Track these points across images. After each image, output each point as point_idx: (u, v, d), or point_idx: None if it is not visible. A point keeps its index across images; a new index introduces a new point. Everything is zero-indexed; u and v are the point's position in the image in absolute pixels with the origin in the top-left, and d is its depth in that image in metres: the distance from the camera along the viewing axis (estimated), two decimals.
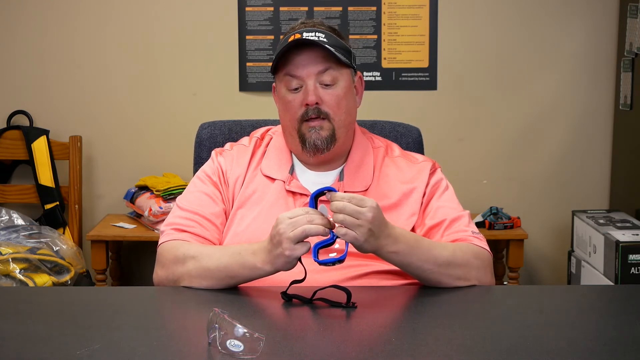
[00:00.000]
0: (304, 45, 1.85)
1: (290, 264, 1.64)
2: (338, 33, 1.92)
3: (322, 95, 1.85)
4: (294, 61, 1.86)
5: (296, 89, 1.86)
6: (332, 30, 1.90)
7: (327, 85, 1.86)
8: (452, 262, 1.75)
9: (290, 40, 1.85)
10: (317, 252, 1.61)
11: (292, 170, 1.91)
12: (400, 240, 1.69)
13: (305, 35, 1.84)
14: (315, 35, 1.84)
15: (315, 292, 1.62)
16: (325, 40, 1.84)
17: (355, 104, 1.94)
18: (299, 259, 1.63)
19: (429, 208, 1.90)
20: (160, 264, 1.82)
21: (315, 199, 1.65)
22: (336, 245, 1.64)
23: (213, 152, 1.99)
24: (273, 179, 1.91)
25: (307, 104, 1.85)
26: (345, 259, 1.61)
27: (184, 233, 1.83)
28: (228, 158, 1.95)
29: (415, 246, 1.72)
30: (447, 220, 1.86)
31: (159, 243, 1.85)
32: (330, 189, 1.63)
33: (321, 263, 1.61)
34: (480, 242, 1.84)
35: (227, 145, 2.01)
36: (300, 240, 1.60)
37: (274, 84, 1.95)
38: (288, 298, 1.64)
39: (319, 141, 1.85)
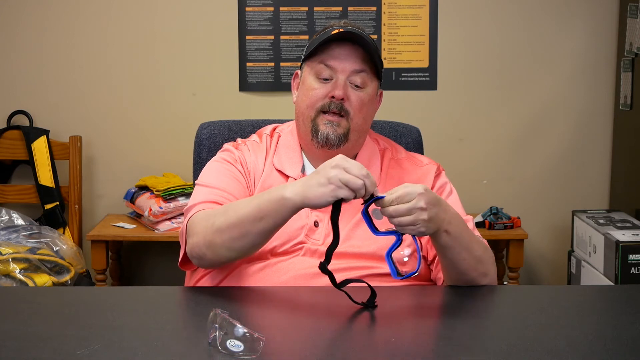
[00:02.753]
0: (347, 40, 1.85)
1: (324, 199, 1.58)
2: (376, 45, 1.92)
3: (350, 94, 1.85)
4: (334, 52, 1.86)
5: (326, 79, 1.86)
6: (373, 41, 1.90)
7: (356, 86, 1.86)
8: (482, 259, 1.76)
9: (335, 32, 1.85)
10: (392, 261, 1.61)
11: (303, 169, 1.91)
12: (453, 221, 1.68)
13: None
14: (363, 37, 1.85)
15: (345, 282, 1.60)
16: (370, 44, 1.85)
17: (373, 115, 1.95)
18: (333, 222, 1.60)
19: None
20: (192, 232, 1.75)
21: (366, 211, 1.62)
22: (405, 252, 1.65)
23: (228, 145, 1.97)
24: (286, 176, 1.90)
25: (332, 97, 1.84)
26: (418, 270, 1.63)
27: (215, 205, 1.78)
28: (245, 151, 1.94)
29: (463, 229, 1.72)
30: None
31: (187, 218, 1.78)
32: (378, 198, 1.60)
33: (403, 278, 1.61)
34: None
35: (239, 140, 1.99)
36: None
37: (297, 71, 1.95)
38: (325, 271, 1.60)
39: (332, 136, 1.84)
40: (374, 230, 1.61)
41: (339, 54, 1.86)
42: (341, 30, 1.85)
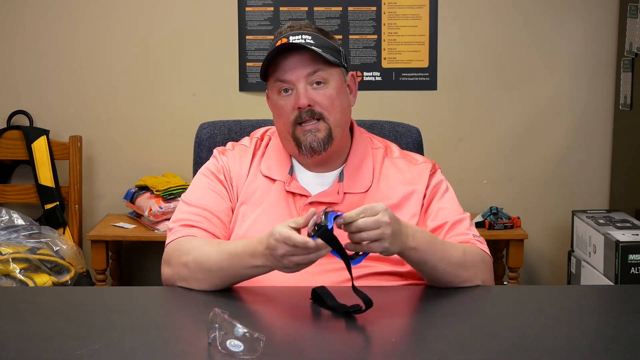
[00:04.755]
0: (291, 49, 1.84)
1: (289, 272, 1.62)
2: (325, 33, 1.91)
3: (314, 96, 1.84)
4: (283, 66, 1.85)
5: (287, 92, 1.86)
6: (320, 30, 1.90)
7: (318, 86, 1.85)
8: (463, 264, 1.75)
9: (277, 45, 1.85)
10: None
11: (291, 171, 1.91)
12: (417, 235, 1.68)
13: (291, 39, 1.84)
14: (301, 38, 1.84)
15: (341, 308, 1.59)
16: (312, 42, 1.83)
17: (350, 103, 1.93)
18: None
19: (430, 210, 1.90)
20: (167, 262, 1.80)
21: (320, 230, 1.55)
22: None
23: (215, 151, 1.99)
24: (273, 180, 1.91)
25: (299, 107, 1.84)
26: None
27: (193, 228, 1.83)
28: (231, 157, 1.95)
29: (431, 242, 1.71)
30: (449, 223, 1.86)
31: (167, 241, 1.84)
32: (335, 215, 1.56)
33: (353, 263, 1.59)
34: (482, 246, 1.84)
35: (229, 145, 2.01)
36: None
37: (267, 91, 1.95)
38: (316, 299, 1.61)
39: (315, 143, 1.84)
40: (344, 255, 1.56)
41: (288, 66, 1.85)
42: (283, 41, 1.84)
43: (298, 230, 1.57)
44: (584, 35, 3.48)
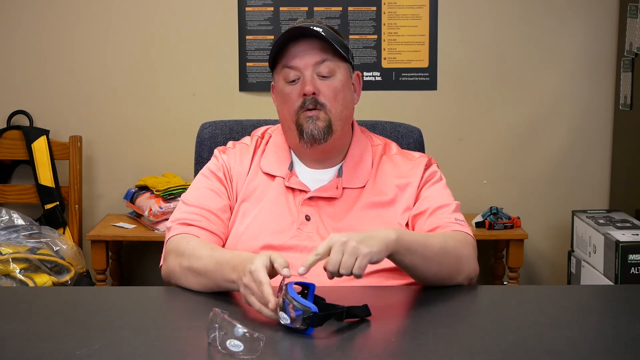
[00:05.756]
0: (301, 37, 1.86)
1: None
2: (336, 31, 1.94)
3: (319, 86, 1.86)
4: (292, 52, 1.87)
5: (294, 81, 1.87)
6: (330, 27, 1.92)
7: (324, 77, 1.87)
8: (446, 250, 1.73)
9: (286, 33, 1.86)
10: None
11: (291, 166, 1.92)
12: (390, 232, 1.63)
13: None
14: (312, 28, 1.86)
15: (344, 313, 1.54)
16: (322, 34, 1.85)
17: (353, 99, 1.95)
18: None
19: (418, 198, 1.91)
20: (165, 259, 1.83)
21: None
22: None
23: (216, 150, 2.00)
24: (273, 177, 1.92)
25: (304, 94, 1.85)
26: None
27: (191, 227, 1.84)
28: (231, 156, 1.97)
29: (407, 232, 1.70)
30: (430, 208, 1.87)
31: (166, 239, 1.86)
32: (296, 283, 1.51)
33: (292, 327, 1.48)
34: (462, 228, 1.83)
35: (230, 143, 2.02)
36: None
37: (272, 83, 1.96)
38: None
39: (315, 131, 1.85)
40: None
41: (297, 53, 1.87)
42: (291, 28, 1.86)
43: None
44: (584, 35, 3.48)
